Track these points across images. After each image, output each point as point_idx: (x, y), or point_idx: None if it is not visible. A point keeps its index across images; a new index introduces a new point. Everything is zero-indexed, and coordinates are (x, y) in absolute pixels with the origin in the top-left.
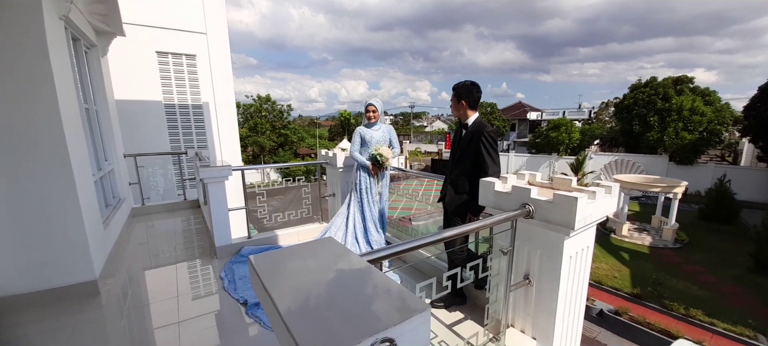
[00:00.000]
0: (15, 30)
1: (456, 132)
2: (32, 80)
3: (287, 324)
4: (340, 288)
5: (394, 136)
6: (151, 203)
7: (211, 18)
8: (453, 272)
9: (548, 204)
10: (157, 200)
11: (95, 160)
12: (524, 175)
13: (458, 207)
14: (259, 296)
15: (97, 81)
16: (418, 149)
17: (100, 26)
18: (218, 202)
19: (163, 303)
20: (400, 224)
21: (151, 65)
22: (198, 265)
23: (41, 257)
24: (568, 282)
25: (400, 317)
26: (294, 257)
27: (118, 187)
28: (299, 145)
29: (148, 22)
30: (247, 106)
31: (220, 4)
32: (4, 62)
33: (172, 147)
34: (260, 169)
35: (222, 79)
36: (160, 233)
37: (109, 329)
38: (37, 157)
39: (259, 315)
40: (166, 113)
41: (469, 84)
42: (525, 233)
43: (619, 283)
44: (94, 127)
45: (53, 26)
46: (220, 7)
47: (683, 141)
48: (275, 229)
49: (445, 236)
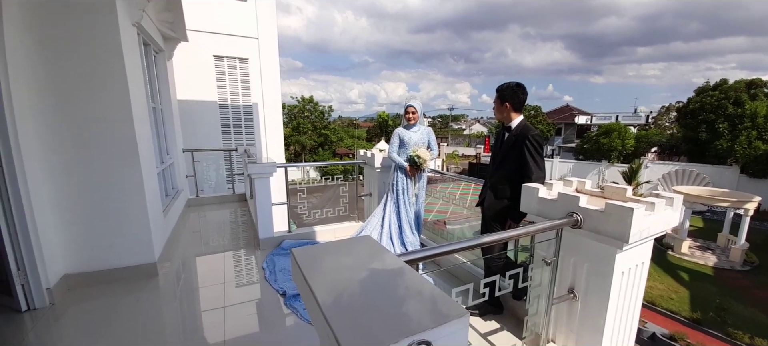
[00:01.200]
0: (94, 35)
1: (498, 135)
2: (108, 80)
3: (327, 318)
4: (377, 286)
5: (433, 138)
6: (204, 195)
7: (263, 23)
8: (491, 279)
9: (599, 214)
10: (209, 192)
11: (159, 154)
12: (572, 181)
13: (498, 213)
14: (299, 288)
15: (163, 82)
16: (455, 152)
17: (167, 32)
18: (263, 196)
19: (211, 288)
20: (434, 227)
21: (208, 68)
22: (242, 255)
23: (110, 239)
24: (618, 300)
25: (437, 321)
26: (333, 252)
27: (177, 179)
28: (338, 145)
29: (208, 28)
30: (291, 107)
31: (272, 11)
32: (84, 64)
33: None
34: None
35: (270, 81)
36: (211, 223)
37: (164, 308)
38: (111, 149)
39: (297, 306)
40: (220, 112)
41: (514, 85)
42: (571, 244)
43: (676, 305)
44: (159, 124)
45: (127, 32)
46: (271, 13)
47: (757, 151)
48: (313, 225)
49: (483, 242)
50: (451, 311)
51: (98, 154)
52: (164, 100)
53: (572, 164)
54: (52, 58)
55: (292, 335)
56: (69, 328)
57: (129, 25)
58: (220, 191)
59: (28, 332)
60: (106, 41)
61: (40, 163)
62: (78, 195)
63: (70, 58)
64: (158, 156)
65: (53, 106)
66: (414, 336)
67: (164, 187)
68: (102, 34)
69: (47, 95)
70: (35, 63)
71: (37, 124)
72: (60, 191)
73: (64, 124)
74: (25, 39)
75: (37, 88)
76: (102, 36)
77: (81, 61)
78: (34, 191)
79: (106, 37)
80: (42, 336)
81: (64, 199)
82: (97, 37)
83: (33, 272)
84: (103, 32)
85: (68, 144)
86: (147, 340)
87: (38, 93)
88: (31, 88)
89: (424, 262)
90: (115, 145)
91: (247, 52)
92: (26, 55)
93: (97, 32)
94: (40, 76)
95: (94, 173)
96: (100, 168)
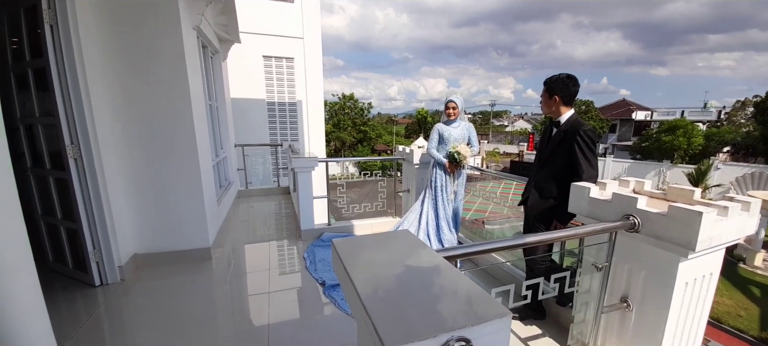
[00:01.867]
0: (160, 40)
1: (545, 131)
2: (172, 81)
3: (366, 308)
4: (416, 280)
5: (473, 134)
6: (252, 187)
7: (308, 23)
8: (534, 281)
9: (661, 218)
10: (257, 184)
11: (214, 149)
12: (628, 181)
13: (542, 212)
14: (339, 277)
15: (218, 81)
16: (496, 150)
17: (222, 35)
18: (305, 189)
19: (257, 274)
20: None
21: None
22: (285, 244)
23: (170, 224)
24: (680, 313)
25: (477, 319)
26: (373, 244)
27: (229, 172)
28: (377, 141)
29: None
30: (332, 104)
31: (316, 11)
32: (151, 67)
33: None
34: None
35: (314, 79)
36: (258, 213)
37: (215, 290)
38: (173, 143)
39: (334, 296)
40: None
41: (565, 77)
42: (626, 249)
43: (745, 324)
44: (214, 121)
45: (188, 35)
46: (316, 13)
47: None
48: (351, 219)
49: (527, 242)
50: (492, 310)
51: (162, 148)
52: (219, 98)
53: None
54: (123, 62)
55: (330, 324)
56: (136, 302)
57: (190, 29)
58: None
59: (100, 304)
60: (170, 45)
61: (114, 155)
62: (145, 184)
63: (138, 62)
64: (213, 150)
65: (125, 105)
66: (452, 332)
67: (218, 178)
68: (167, 39)
69: (119, 96)
70: (108, 69)
71: (111, 122)
72: (130, 181)
73: (134, 122)
74: (100, 48)
75: (110, 90)
76: (167, 40)
77: (148, 64)
78: (110, 181)
79: (170, 41)
80: (112, 309)
81: (134, 187)
82: (162, 41)
83: (107, 251)
84: (167, 37)
85: (137, 139)
86: (201, 318)
87: (112, 94)
88: (106, 91)
89: (461, 259)
90: (177, 140)
91: (293, 52)
92: (101, 62)
93: (163, 37)
94: (112, 80)
95: (159, 164)
96: (164, 160)
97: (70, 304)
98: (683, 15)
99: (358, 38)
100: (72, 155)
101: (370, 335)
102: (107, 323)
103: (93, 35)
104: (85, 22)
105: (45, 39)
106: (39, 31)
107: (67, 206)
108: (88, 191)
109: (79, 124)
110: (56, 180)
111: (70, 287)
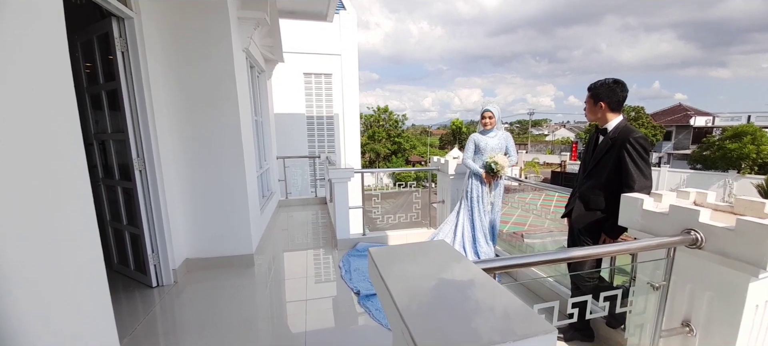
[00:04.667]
0: (213, 61)
1: (590, 139)
2: (224, 98)
3: (403, 318)
4: (455, 291)
5: (511, 143)
6: (291, 198)
7: (346, 41)
8: (580, 299)
9: (728, 233)
10: (296, 195)
11: (258, 160)
12: (688, 193)
13: (589, 226)
14: (375, 287)
15: (263, 98)
16: (535, 160)
17: (267, 55)
18: (341, 199)
19: (295, 281)
20: (511, 239)
21: (298, 84)
22: (321, 253)
23: (218, 231)
24: (749, 339)
25: (519, 334)
26: (410, 254)
27: (271, 182)
28: (411, 152)
29: (299, 49)
30: (367, 117)
31: (353, 29)
32: (205, 85)
33: (308, 151)
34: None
35: (350, 93)
36: (296, 222)
37: (257, 295)
38: (223, 156)
39: (369, 306)
40: (307, 123)
41: (611, 82)
42: (687, 267)
43: None
44: (259, 134)
45: (238, 56)
46: (353, 30)
47: None
48: (386, 229)
49: (572, 256)
50: (535, 326)
51: (214, 160)
52: (264, 114)
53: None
54: (181, 82)
55: (365, 334)
56: (187, 303)
57: (240, 51)
58: (304, 194)
59: (156, 303)
60: (222, 67)
61: (172, 168)
62: (198, 193)
63: (194, 82)
64: (258, 162)
65: (183, 121)
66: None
67: (261, 189)
68: (219, 61)
69: (178, 113)
70: (169, 89)
71: (171, 136)
72: (185, 190)
73: (190, 136)
74: (162, 70)
75: (171, 109)
76: (219, 61)
77: (203, 83)
78: (169, 190)
79: (222, 63)
80: (166, 309)
81: (188, 196)
82: (215, 62)
83: (164, 255)
84: (220, 59)
85: (191, 153)
86: (244, 321)
87: (171, 112)
88: (167, 109)
89: (499, 273)
90: (226, 153)
91: (331, 68)
92: (163, 84)
93: (216, 58)
94: (172, 99)
95: (210, 175)
96: (214, 171)
97: (130, 302)
98: (744, 12)
99: (393, 52)
100: (137, 167)
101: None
102: (161, 322)
103: (157, 59)
104: (151, 48)
105: (117, 64)
106: (110, 57)
107: (131, 213)
108: (150, 200)
109: (144, 140)
110: (123, 190)
111: (130, 287)
